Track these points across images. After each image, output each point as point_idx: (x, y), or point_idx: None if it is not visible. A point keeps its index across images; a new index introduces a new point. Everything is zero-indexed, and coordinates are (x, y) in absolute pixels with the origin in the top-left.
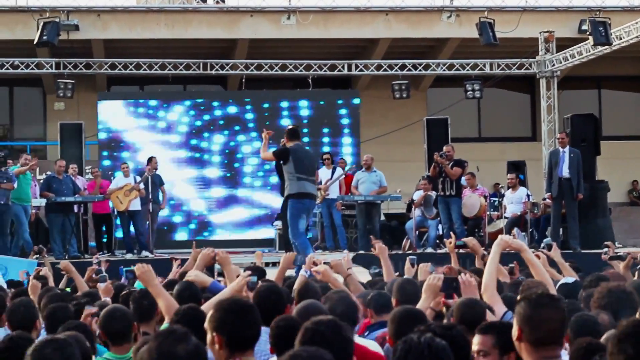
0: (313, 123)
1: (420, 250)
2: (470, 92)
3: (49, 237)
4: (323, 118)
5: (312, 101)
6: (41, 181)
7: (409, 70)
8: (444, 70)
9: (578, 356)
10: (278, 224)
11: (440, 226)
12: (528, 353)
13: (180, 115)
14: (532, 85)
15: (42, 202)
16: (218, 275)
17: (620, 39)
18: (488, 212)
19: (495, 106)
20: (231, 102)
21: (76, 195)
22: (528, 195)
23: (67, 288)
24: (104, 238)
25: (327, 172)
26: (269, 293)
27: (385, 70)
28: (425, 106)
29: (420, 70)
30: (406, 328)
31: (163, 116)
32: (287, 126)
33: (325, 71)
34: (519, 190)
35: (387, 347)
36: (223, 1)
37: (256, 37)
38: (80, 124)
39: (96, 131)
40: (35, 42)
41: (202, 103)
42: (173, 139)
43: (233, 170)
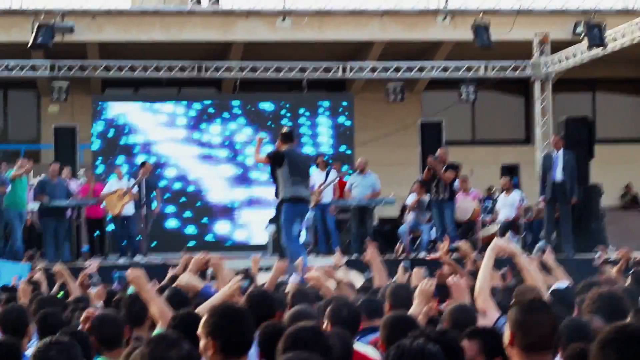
0: (307, 126)
1: (413, 254)
2: (464, 95)
3: (42, 241)
4: (317, 121)
5: (307, 103)
6: (34, 185)
7: (404, 72)
8: (439, 72)
9: None
10: (271, 228)
11: (433, 230)
12: (520, 358)
13: (174, 116)
14: (527, 88)
15: (35, 207)
16: (210, 279)
17: (614, 41)
18: (481, 217)
19: (489, 109)
20: (225, 104)
21: (69, 199)
22: (522, 198)
23: (61, 292)
24: (97, 242)
25: (321, 175)
26: (260, 298)
27: (379, 72)
28: (419, 109)
29: (414, 72)
30: (398, 334)
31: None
32: (282, 129)
33: (319, 74)
34: (513, 193)
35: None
36: (218, 3)
37: (251, 40)
38: (74, 127)
39: (90, 134)
40: (29, 45)
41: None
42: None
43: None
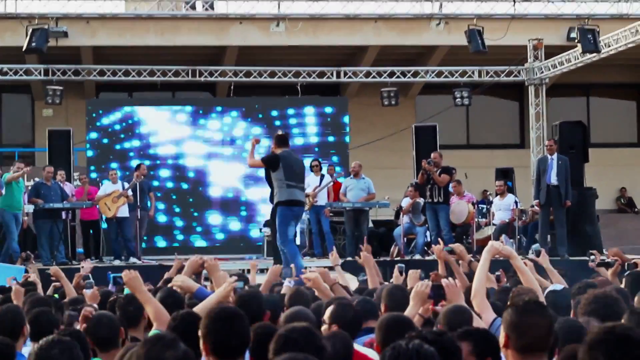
0: (301, 130)
1: (408, 257)
2: (459, 100)
3: (37, 244)
4: (312, 125)
5: (301, 108)
6: (29, 187)
7: (398, 77)
8: (433, 77)
9: None
10: (266, 231)
11: (428, 233)
12: None
13: (168, 121)
14: (521, 92)
15: (30, 209)
16: (205, 280)
17: (608, 47)
18: (476, 219)
19: (483, 113)
20: (219, 109)
21: (64, 201)
22: (516, 202)
23: (55, 294)
24: (92, 244)
25: (316, 179)
26: (249, 298)
27: (374, 77)
28: (414, 113)
29: (409, 77)
30: (394, 335)
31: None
32: (277, 133)
33: (314, 78)
34: (507, 197)
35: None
36: (212, 8)
37: (245, 44)
38: (68, 131)
39: (84, 138)
40: (24, 49)
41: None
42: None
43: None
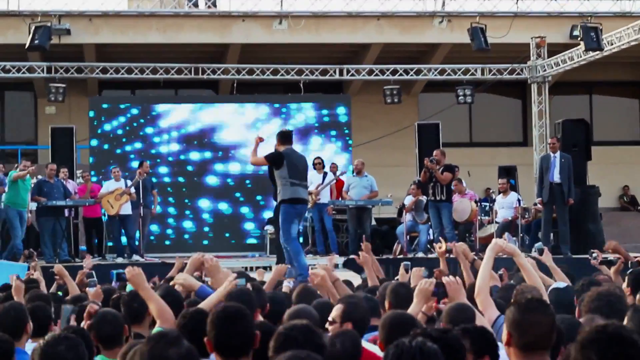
0: (304, 128)
1: (411, 255)
2: (461, 97)
3: (40, 241)
4: (314, 123)
5: (304, 106)
6: (32, 185)
7: (401, 75)
8: (436, 75)
9: None
10: (269, 229)
11: (431, 231)
12: (517, 358)
13: (171, 119)
14: (524, 90)
15: (33, 206)
16: (206, 277)
17: (611, 45)
18: (479, 217)
19: (486, 111)
20: (222, 106)
21: (67, 199)
22: (519, 200)
23: (59, 292)
24: (95, 242)
25: (319, 177)
26: (239, 294)
27: (376, 75)
28: (416, 111)
29: (411, 75)
30: (397, 333)
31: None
32: (280, 130)
33: (316, 76)
34: (510, 195)
35: None
36: (215, 6)
37: (248, 42)
38: (71, 128)
39: (88, 135)
40: (26, 46)
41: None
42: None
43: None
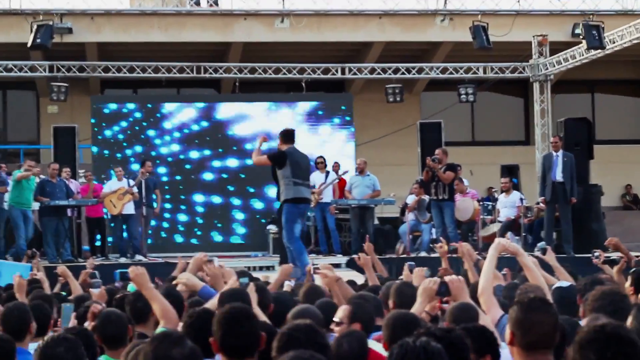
0: (306, 126)
1: (413, 254)
2: (463, 96)
3: (43, 241)
4: (316, 121)
5: (306, 104)
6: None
7: (403, 73)
8: (438, 73)
9: None
10: (272, 228)
11: (433, 230)
12: (520, 357)
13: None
14: (526, 89)
15: (36, 206)
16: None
17: (613, 43)
18: (481, 216)
19: (488, 110)
20: (224, 105)
21: (70, 198)
22: (522, 199)
23: (63, 292)
24: (98, 242)
25: (321, 176)
26: (231, 293)
27: (378, 73)
28: (418, 110)
29: (413, 74)
30: (401, 332)
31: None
32: (283, 128)
33: (318, 74)
34: (513, 194)
35: None
36: (217, 4)
37: (250, 41)
38: (73, 127)
39: (90, 135)
40: (28, 45)
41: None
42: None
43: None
